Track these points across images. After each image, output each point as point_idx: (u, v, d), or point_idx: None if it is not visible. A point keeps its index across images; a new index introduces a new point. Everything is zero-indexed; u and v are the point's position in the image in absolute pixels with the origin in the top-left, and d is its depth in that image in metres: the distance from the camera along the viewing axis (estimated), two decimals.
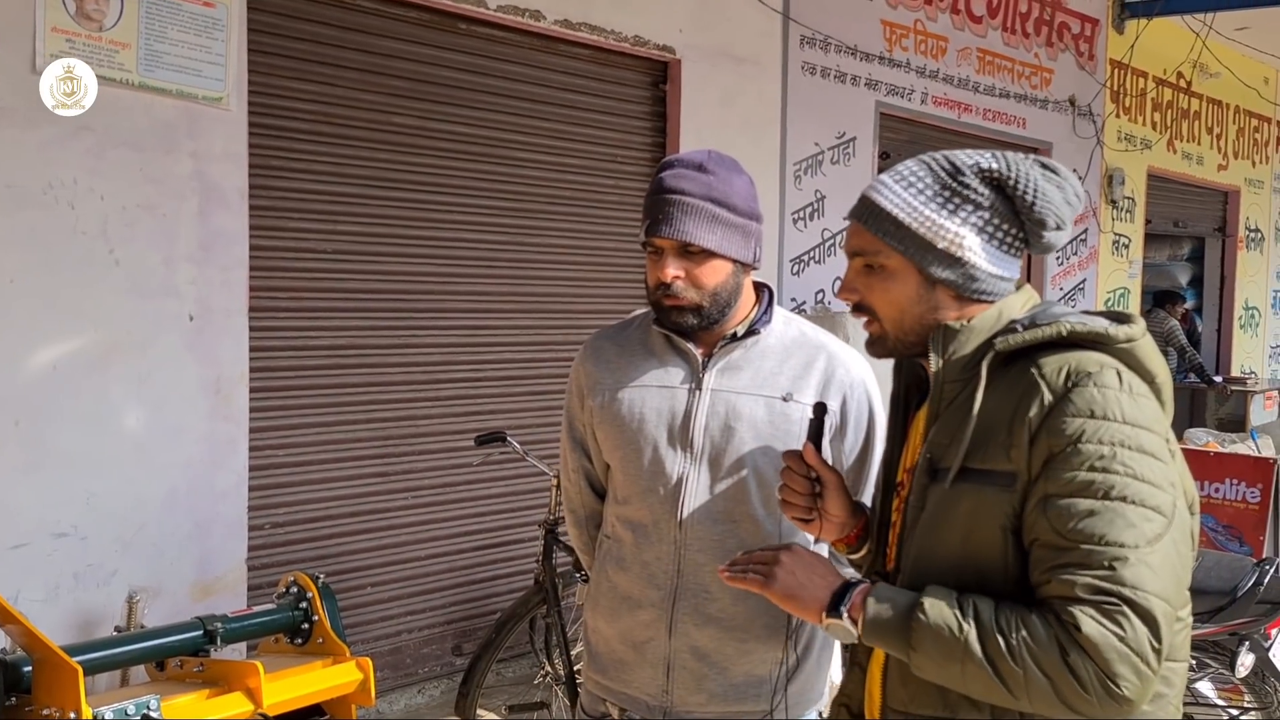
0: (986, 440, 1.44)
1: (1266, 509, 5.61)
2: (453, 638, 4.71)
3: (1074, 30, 8.13)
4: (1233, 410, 9.41)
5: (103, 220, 3.49)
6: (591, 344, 2.10)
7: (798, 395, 1.94)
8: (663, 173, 1.94)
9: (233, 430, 3.84)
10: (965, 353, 1.50)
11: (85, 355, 3.47)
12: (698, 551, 1.92)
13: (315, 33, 4.14)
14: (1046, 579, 1.37)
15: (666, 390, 1.96)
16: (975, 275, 1.53)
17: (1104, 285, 8.66)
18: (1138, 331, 1.46)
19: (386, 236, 4.39)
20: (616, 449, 1.99)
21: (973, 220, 1.52)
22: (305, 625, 2.79)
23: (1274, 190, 11.28)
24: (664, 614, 1.94)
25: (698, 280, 1.89)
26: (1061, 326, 1.45)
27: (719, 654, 1.93)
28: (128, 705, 2.32)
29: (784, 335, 2.00)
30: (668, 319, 1.93)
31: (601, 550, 2.07)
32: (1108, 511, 1.35)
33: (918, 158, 1.57)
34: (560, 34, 4.81)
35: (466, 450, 4.52)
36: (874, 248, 1.56)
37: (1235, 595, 3.57)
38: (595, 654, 2.06)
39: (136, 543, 3.59)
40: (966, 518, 1.44)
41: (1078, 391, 1.40)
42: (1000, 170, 1.51)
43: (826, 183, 6.11)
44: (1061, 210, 1.53)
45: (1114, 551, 1.34)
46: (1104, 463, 1.36)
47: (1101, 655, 1.32)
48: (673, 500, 1.93)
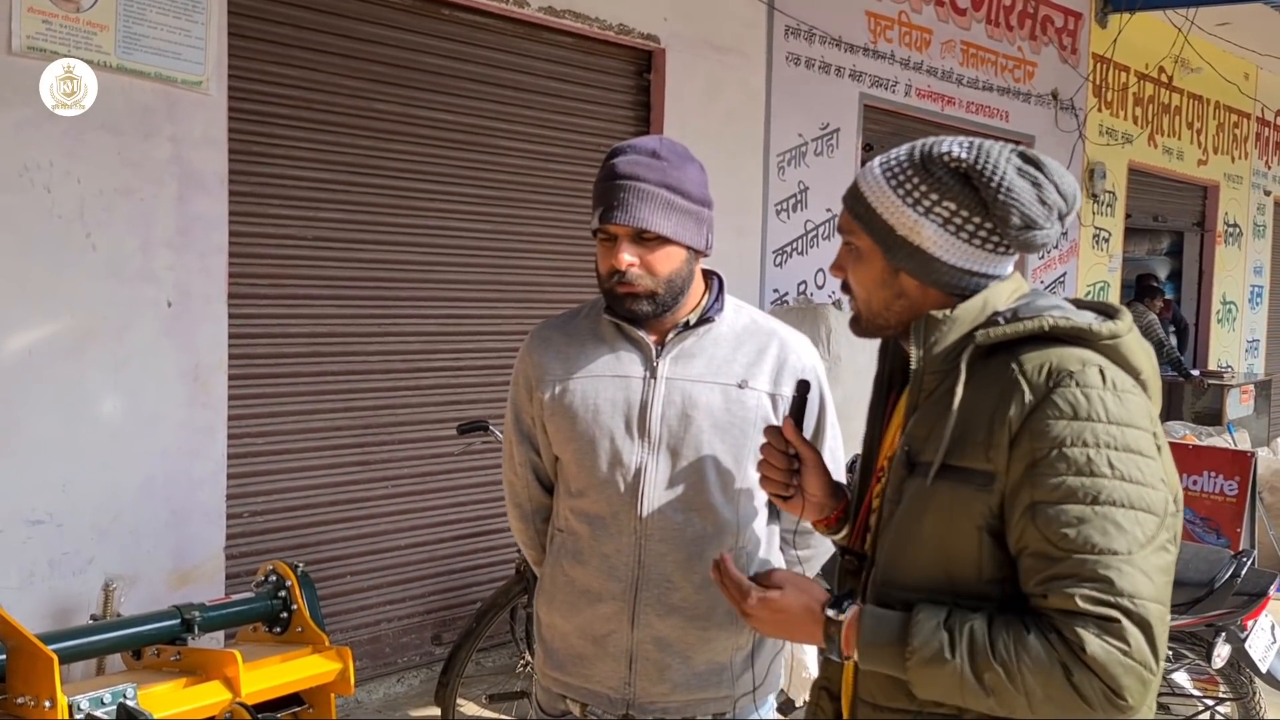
0: (965, 438, 1.42)
1: (1243, 502, 5.66)
2: (432, 627, 4.69)
3: (1057, 24, 8.15)
4: (1209, 404, 9.47)
5: (79, 204, 3.45)
6: (538, 334, 2.06)
7: (752, 382, 1.93)
8: (615, 159, 1.91)
9: (211, 418, 3.81)
10: (946, 344, 1.48)
11: (61, 341, 3.43)
12: (659, 541, 1.91)
13: (297, 17, 4.10)
14: (1042, 592, 1.36)
15: (621, 380, 1.93)
16: (932, 267, 1.49)
17: (1084, 279, 8.70)
18: (1123, 327, 1.43)
19: (368, 224, 4.36)
20: (570, 441, 1.95)
21: (938, 210, 1.47)
22: (284, 614, 2.78)
23: (1252, 186, 11.36)
24: (626, 606, 1.92)
25: (652, 267, 1.87)
26: (1044, 321, 1.42)
27: (682, 643, 1.92)
28: (104, 694, 2.31)
29: (735, 323, 1.99)
30: (621, 307, 1.90)
31: (554, 545, 2.03)
32: (1098, 518, 1.33)
33: (914, 142, 1.54)
34: (544, 21, 4.78)
35: (447, 439, 4.50)
36: (849, 228, 1.56)
37: (1212, 587, 3.60)
38: (551, 650, 2.03)
39: (113, 530, 3.56)
40: (942, 514, 1.43)
41: (1059, 392, 1.37)
42: (968, 160, 1.45)
43: (810, 174, 6.11)
44: (1031, 209, 1.44)
45: (1108, 560, 1.32)
46: (1090, 466, 1.34)
47: (1108, 672, 1.31)
48: (632, 491, 1.91)
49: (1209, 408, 9.43)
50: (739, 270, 5.70)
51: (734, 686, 1.96)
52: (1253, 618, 3.68)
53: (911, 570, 1.46)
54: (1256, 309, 11.73)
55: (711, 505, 1.92)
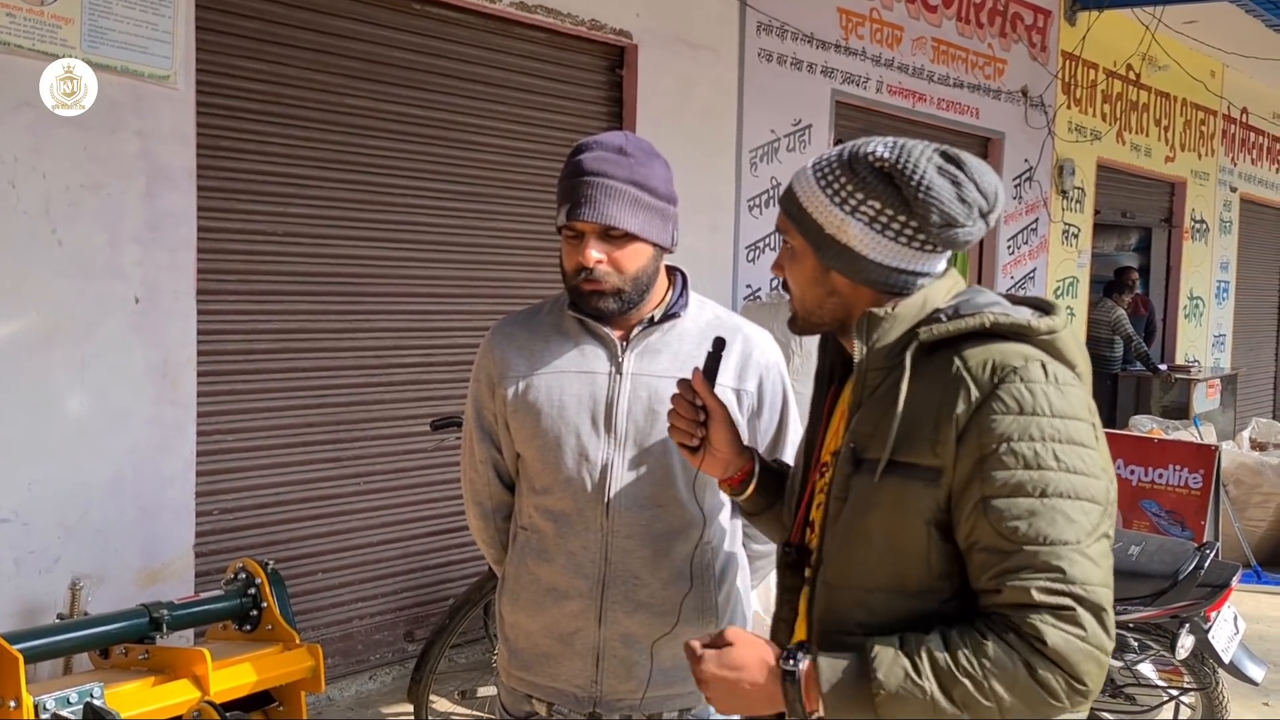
0: (911, 434, 1.43)
1: (1207, 495, 5.73)
2: (405, 624, 4.68)
3: (1027, 21, 8.21)
4: (1176, 398, 9.58)
5: (45, 199, 3.41)
6: (500, 329, 2.04)
7: (719, 377, 1.94)
8: (581, 155, 1.90)
9: (180, 415, 3.78)
10: (888, 341, 1.49)
11: (27, 337, 3.40)
12: (625, 538, 1.91)
13: (266, 10, 4.07)
14: (995, 586, 1.38)
15: (586, 375, 1.93)
16: (860, 265, 1.51)
17: (1054, 274, 8.78)
18: (1059, 323, 1.47)
19: (338, 219, 4.34)
20: (534, 438, 1.93)
21: (863, 209, 1.49)
22: (254, 612, 2.76)
23: (1219, 182, 11.49)
24: (593, 603, 1.91)
25: (619, 264, 1.87)
26: (985, 318, 1.45)
27: (649, 639, 1.91)
28: (70, 693, 2.29)
29: (700, 318, 2.00)
30: (587, 304, 1.89)
31: (518, 543, 2.01)
32: (1047, 510, 1.36)
33: (846, 143, 1.56)
34: (516, 16, 4.78)
35: (419, 435, 4.49)
36: (785, 227, 1.59)
37: (1176, 579, 3.64)
38: (516, 650, 2.01)
39: (80, 529, 3.53)
40: (889, 510, 1.45)
41: (1004, 387, 1.39)
42: (890, 159, 1.47)
43: (783, 170, 6.13)
44: (951, 207, 1.46)
45: (1059, 550, 1.35)
46: (1038, 460, 1.37)
47: (1069, 661, 1.34)
48: (598, 488, 1.90)
49: (1176, 402, 9.54)
50: (712, 266, 5.72)
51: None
52: (1216, 609, 3.73)
53: (861, 567, 1.47)
54: (1223, 304, 11.88)
55: (678, 501, 1.92)
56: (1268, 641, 5.40)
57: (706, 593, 1.96)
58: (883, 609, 1.46)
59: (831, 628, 1.50)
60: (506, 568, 2.05)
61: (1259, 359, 12.96)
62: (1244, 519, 6.86)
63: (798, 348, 5.24)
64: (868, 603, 1.47)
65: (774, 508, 1.80)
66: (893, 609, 1.46)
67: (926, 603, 1.45)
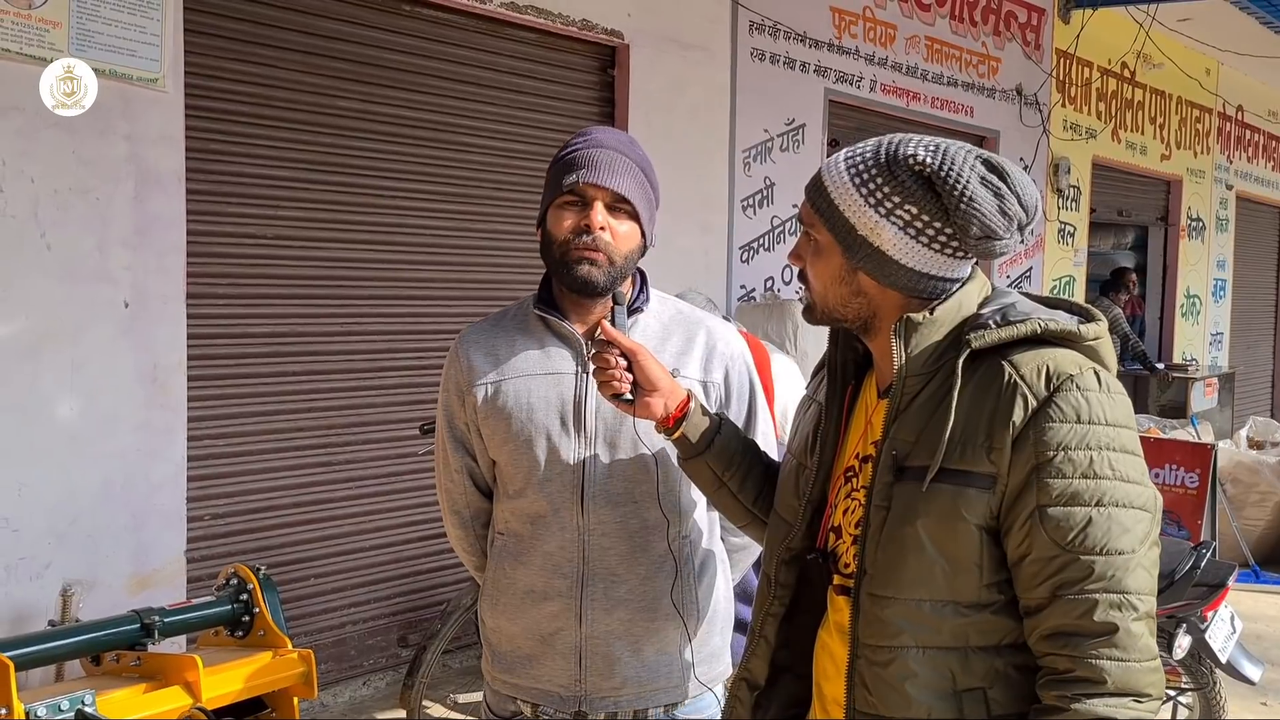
0: (964, 441, 1.42)
1: (1204, 494, 5.72)
2: (398, 629, 4.67)
3: (1021, 19, 8.21)
4: (1174, 397, 9.57)
5: (33, 203, 3.39)
6: (466, 337, 2.02)
7: (684, 370, 1.93)
8: (588, 135, 1.90)
9: (170, 419, 3.76)
10: (926, 346, 1.48)
11: (16, 342, 3.38)
12: (601, 536, 1.90)
13: (254, 13, 4.05)
14: (1049, 596, 1.38)
15: (553, 377, 1.92)
16: (890, 269, 1.49)
17: (1050, 273, 8.78)
18: (1103, 330, 1.48)
19: (328, 222, 4.33)
20: (506, 442, 1.92)
21: (899, 213, 1.46)
22: (246, 618, 2.75)
23: (1215, 180, 11.49)
24: (572, 603, 1.90)
25: (616, 238, 1.86)
26: (1035, 324, 1.44)
27: (629, 635, 1.91)
28: (61, 700, 2.27)
29: (662, 313, 1.99)
30: (576, 274, 1.86)
31: (495, 548, 2.01)
32: (1103, 519, 1.36)
33: (880, 137, 1.53)
34: (506, 16, 4.76)
35: (411, 439, 4.47)
36: (810, 220, 1.55)
37: (1173, 579, 3.63)
38: (499, 653, 2.01)
39: (70, 535, 3.51)
40: (941, 518, 1.42)
41: (1062, 395, 1.39)
42: (932, 165, 1.44)
43: (776, 170, 6.12)
44: (992, 219, 1.43)
45: (1115, 560, 1.36)
46: (1094, 468, 1.37)
47: (1132, 688, 1.35)
48: (572, 488, 1.89)
49: (1174, 401, 9.53)
50: (705, 266, 5.70)
51: (684, 676, 1.96)
52: (1212, 609, 3.72)
53: (910, 577, 1.45)
54: (1220, 302, 11.88)
55: (652, 496, 1.92)
56: (1265, 641, 5.39)
57: (686, 586, 1.95)
58: (931, 620, 1.44)
59: (874, 641, 1.48)
60: (486, 573, 2.04)
61: (1256, 357, 12.95)
62: (1241, 518, 6.85)
63: (792, 349, 5.23)
64: (916, 614, 1.44)
65: (719, 461, 1.78)
66: (942, 620, 1.44)
67: (975, 614, 1.43)
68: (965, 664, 1.44)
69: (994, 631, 1.44)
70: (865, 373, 1.64)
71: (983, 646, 1.44)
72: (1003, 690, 1.44)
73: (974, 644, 1.44)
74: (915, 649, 1.44)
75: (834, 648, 1.57)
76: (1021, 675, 1.44)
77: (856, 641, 1.50)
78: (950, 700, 1.44)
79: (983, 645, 1.44)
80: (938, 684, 1.44)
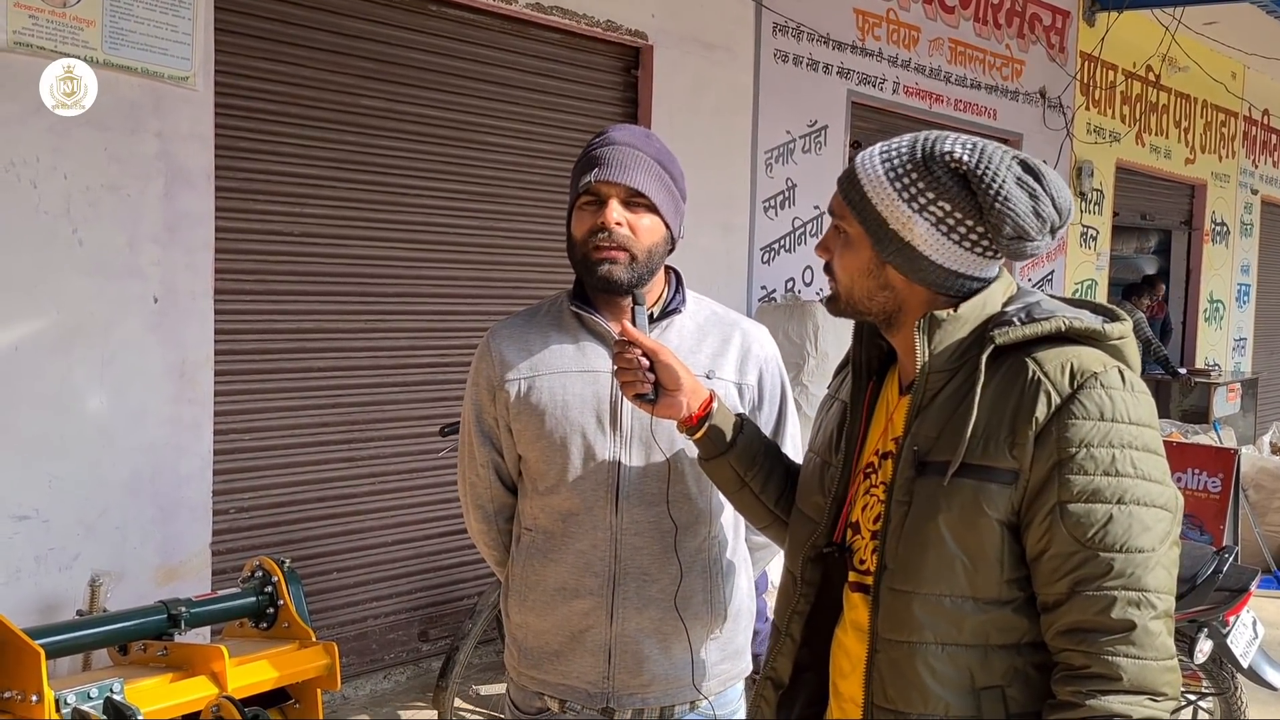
0: (987, 436, 1.43)
1: (1226, 499, 5.69)
2: (419, 624, 4.70)
3: (1045, 22, 8.18)
4: (1196, 402, 9.51)
5: (66, 200, 3.44)
6: (498, 332, 2.00)
7: (719, 372, 1.94)
8: (606, 132, 1.92)
9: (197, 414, 3.80)
10: (950, 343, 1.48)
11: (47, 337, 3.43)
12: (635, 535, 1.90)
13: (284, 12, 4.10)
14: (1067, 592, 1.38)
15: (589, 375, 1.91)
16: (920, 265, 1.49)
17: (1072, 277, 8.74)
18: (1128, 330, 1.48)
19: (354, 220, 4.36)
20: (538, 439, 1.91)
21: (932, 209, 1.46)
22: (270, 610, 2.77)
23: (1240, 185, 11.41)
24: (604, 601, 1.91)
25: (636, 233, 1.86)
26: (1060, 322, 1.44)
27: (659, 634, 1.92)
28: (91, 688, 2.30)
29: (697, 314, 2.00)
30: (597, 272, 1.87)
31: (523, 545, 2.00)
32: (1124, 516, 1.37)
33: (916, 134, 1.53)
34: (532, 17, 4.79)
35: (433, 436, 4.50)
36: (841, 213, 1.55)
37: (1195, 583, 3.62)
38: (526, 649, 2.01)
39: (99, 526, 3.56)
40: (962, 513, 1.43)
41: (1085, 393, 1.39)
42: (968, 163, 1.44)
43: (798, 171, 6.12)
44: (1025, 220, 1.44)
45: (1135, 558, 1.36)
46: (1116, 466, 1.37)
47: (1148, 685, 1.36)
48: (606, 487, 1.90)
49: (1196, 406, 9.47)
50: (727, 267, 5.71)
51: (710, 674, 1.97)
52: (1234, 613, 3.70)
53: (931, 572, 1.45)
54: (1244, 307, 11.79)
55: (686, 497, 1.92)
56: None
57: (715, 586, 1.96)
58: (952, 616, 1.45)
59: (893, 636, 1.48)
60: (511, 569, 2.04)
61: None
62: (1264, 524, 6.80)
63: (812, 350, 5.23)
64: (937, 610, 1.45)
65: (741, 462, 1.77)
66: (962, 617, 1.44)
67: (995, 611, 1.44)
68: (985, 662, 1.45)
69: (1014, 629, 1.44)
70: (886, 370, 1.65)
71: (1003, 645, 1.45)
72: (1021, 689, 1.45)
73: (994, 642, 1.45)
74: (935, 645, 1.45)
75: (850, 645, 1.57)
76: (1040, 674, 1.45)
77: (876, 636, 1.50)
78: (969, 697, 1.45)
79: (1003, 644, 1.45)
80: (957, 681, 1.45)
